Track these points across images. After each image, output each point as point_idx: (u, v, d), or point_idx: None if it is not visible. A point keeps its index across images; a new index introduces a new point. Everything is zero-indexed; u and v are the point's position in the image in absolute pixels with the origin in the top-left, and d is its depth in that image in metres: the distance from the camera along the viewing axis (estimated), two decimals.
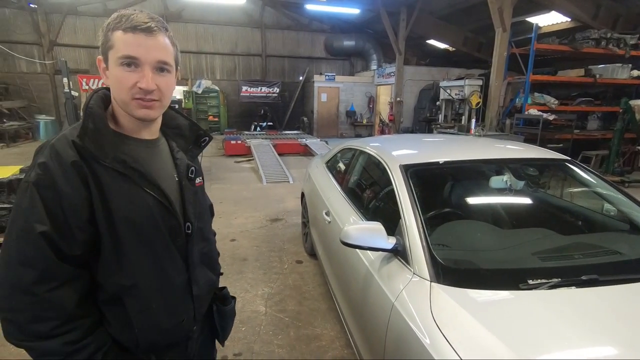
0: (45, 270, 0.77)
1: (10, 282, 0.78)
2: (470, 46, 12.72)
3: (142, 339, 0.90)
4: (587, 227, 2.11)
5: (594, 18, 8.50)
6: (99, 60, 0.87)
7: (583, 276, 1.34)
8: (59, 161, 0.78)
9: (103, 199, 0.82)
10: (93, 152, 0.80)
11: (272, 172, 7.32)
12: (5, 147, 10.16)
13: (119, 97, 0.85)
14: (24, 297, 0.77)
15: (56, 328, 0.79)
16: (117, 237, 0.84)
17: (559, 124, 8.09)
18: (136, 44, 0.81)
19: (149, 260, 0.89)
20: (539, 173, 2.38)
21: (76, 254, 0.81)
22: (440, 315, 1.21)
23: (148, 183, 0.88)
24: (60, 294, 0.79)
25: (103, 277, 0.86)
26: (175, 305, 0.96)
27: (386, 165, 2.07)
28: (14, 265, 0.77)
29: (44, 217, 0.77)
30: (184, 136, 1.06)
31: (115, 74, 0.83)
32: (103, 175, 0.82)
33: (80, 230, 0.80)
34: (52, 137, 0.85)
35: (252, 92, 14.73)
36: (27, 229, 0.77)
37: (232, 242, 3.98)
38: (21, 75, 12.70)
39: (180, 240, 0.96)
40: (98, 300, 0.88)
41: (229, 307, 1.18)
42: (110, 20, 0.83)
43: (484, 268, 1.51)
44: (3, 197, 3.57)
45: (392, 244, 1.56)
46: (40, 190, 0.77)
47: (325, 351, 2.32)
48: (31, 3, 12.06)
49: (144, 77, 0.82)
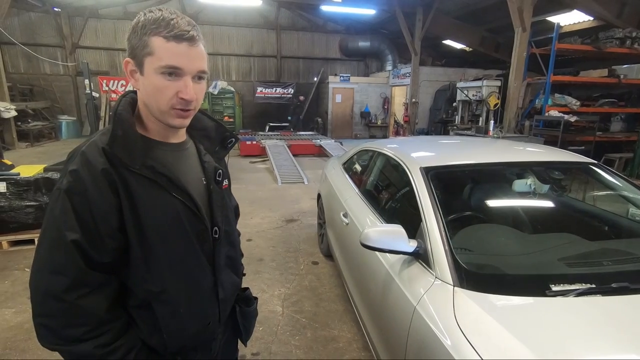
0: (76, 277, 0.78)
1: (44, 288, 0.79)
2: (487, 46, 12.52)
3: (170, 342, 0.91)
4: (614, 233, 2.05)
5: (619, 17, 8.25)
6: (127, 62, 0.84)
7: (613, 284, 1.30)
8: (89, 168, 0.78)
9: (132, 206, 0.81)
10: (122, 158, 0.80)
11: (287, 173, 7.35)
12: (30, 146, 10.50)
13: (156, 106, 0.83)
14: (56, 304, 0.78)
15: (88, 332, 0.80)
16: (147, 244, 0.84)
17: (581, 125, 7.89)
18: (180, 54, 0.79)
19: (177, 266, 0.89)
20: (564, 177, 2.31)
21: (106, 261, 0.81)
22: (465, 321, 1.19)
23: (176, 188, 0.87)
24: (91, 301, 0.80)
25: (133, 283, 0.86)
26: (202, 309, 0.97)
27: (406, 168, 2.05)
28: (46, 273, 0.79)
29: (75, 225, 0.77)
30: (210, 138, 1.04)
31: (154, 82, 0.81)
32: (132, 182, 0.81)
33: (110, 238, 0.81)
34: (82, 143, 0.85)
35: (267, 93, 14.85)
36: (58, 237, 0.77)
37: (249, 242, 4.01)
38: (45, 77, 13.13)
39: (207, 245, 0.95)
40: (128, 305, 0.88)
41: (252, 307, 1.18)
42: (146, 23, 0.79)
43: (509, 273, 1.48)
44: (29, 195, 3.69)
45: (413, 247, 1.55)
46: (71, 198, 0.77)
47: (342, 353, 2.31)
48: (55, 7, 12.44)
49: (186, 87, 0.81)
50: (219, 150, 1.07)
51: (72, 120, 12.98)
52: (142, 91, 0.85)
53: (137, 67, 0.83)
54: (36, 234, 3.74)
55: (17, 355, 2.25)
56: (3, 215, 3.60)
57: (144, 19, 0.80)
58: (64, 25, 12.84)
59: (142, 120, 0.89)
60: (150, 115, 0.87)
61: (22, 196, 3.67)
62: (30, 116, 11.29)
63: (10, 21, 11.84)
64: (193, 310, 0.94)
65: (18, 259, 3.51)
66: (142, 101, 0.87)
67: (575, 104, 7.85)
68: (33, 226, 3.72)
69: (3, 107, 9.30)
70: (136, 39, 0.80)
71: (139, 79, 0.84)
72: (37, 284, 0.80)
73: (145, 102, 0.86)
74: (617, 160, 7.49)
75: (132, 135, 0.83)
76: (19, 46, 11.81)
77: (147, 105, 0.85)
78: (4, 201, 3.60)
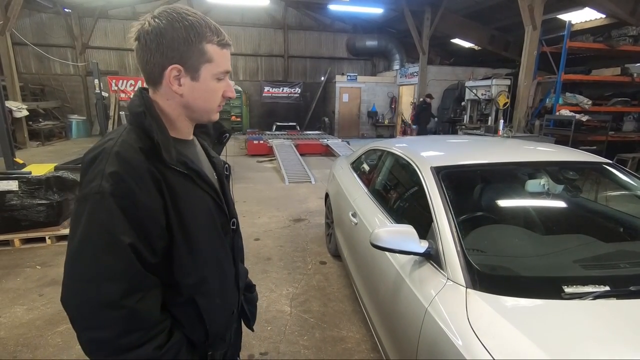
0: (133, 281, 0.77)
1: (96, 299, 0.74)
2: (496, 45, 12.39)
3: (211, 333, 0.94)
4: (629, 234, 2.01)
5: (632, 14, 8.10)
6: (176, 69, 0.82)
7: (631, 287, 1.27)
8: (132, 169, 0.77)
9: (175, 203, 0.82)
10: (162, 155, 0.80)
11: (294, 172, 7.35)
12: (41, 145, 10.65)
13: (207, 107, 0.89)
14: (112, 313, 0.75)
15: (144, 336, 0.78)
16: (190, 239, 0.86)
17: (592, 125, 7.76)
18: (228, 60, 0.89)
19: (213, 258, 0.94)
20: (578, 177, 2.27)
21: (156, 261, 0.81)
22: (478, 323, 1.17)
23: (204, 182, 0.90)
24: (148, 303, 0.79)
25: (180, 279, 0.87)
26: (230, 299, 1.03)
27: (416, 167, 2.03)
28: (98, 281, 0.74)
29: (128, 229, 0.75)
30: (209, 134, 1.09)
31: (210, 86, 0.87)
32: (172, 179, 0.82)
33: (160, 238, 0.81)
34: (101, 143, 0.83)
35: (274, 92, 14.87)
36: (112, 242, 0.74)
37: (256, 242, 4.02)
38: (55, 77, 13.32)
39: (229, 236, 1.01)
40: (172, 304, 0.88)
41: (254, 294, 1.26)
42: (197, 30, 0.82)
43: (523, 275, 1.45)
44: (41, 193, 3.74)
45: (424, 248, 1.53)
46: (118, 201, 0.74)
47: (351, 354, 2.30)
48: (66, 8, 12.60)
49: (229, 86, 0.90)
50: (216, 146, 1.12)
51: (82, 119, 13.15)
52: (188, 95, 0.85)
53: (189, 73, 0.83)
54: (47, 232, 3.79)
55: (29, 353, 2.27)
56: (15, 214, 3.65)
57: (197, 26, 0.82)
58: (74, 25, 13.00)
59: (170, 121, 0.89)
60: (185, 116, 0.90)
61: (33, 194, 3.71)
62: (41, 116, 11.46)
63: (22, 22, 12.03)
64: (225, 300, 0.99)
65: (29, 257, 3.55)
66: (182, 104, 0.87)
67: (587, 103, 7.73)
68: (44, 224, 3.77)
69: (15, 106, 9.45)
70: (192, 48, 0.82)
71: (187, 84, 0.84)
72: (85, 295, 0.75)
73: (188, 105, 0.87)
74: (630, 160, 7.34)
75: (166, 131, 0.85)
76: (31, 47, 11.99)
77: (192, 107, 0.88)
78: (15, 199, 3.65)
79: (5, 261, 3.46)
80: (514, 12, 8.12)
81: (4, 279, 3.14)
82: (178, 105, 0.88)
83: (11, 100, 9.53)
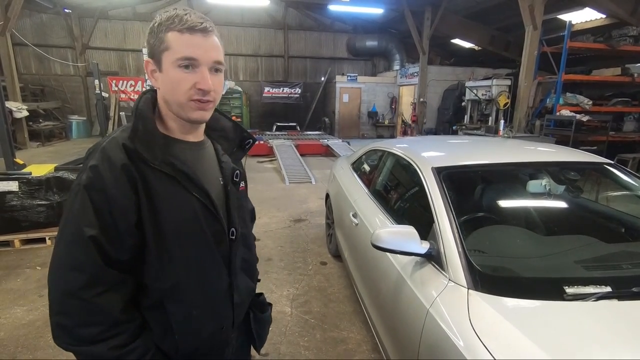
0: (93, 274, 0.77)
1: (61, 286, 0.78)
2: (497, 45, 12.38)
3: (182, 345, 0.90)
4: (631, 235, 2.00)
5: (632, 14, 8.10)
6: (147, 63, 0.85)
7: (633, 288, 1.26)
8: (109, 164, 0.78)
9: (150, 202, 0.81)
10: (143, 154, 0.80)
11: (295, 173, 7.34)
12: (41, 145, 10.66)
13: (175, 99, 0.83)
14: (73, 301, 0.77)
15: (103, 333, 0.79)
16: (163, 242, 0.83)
17: (593, 125, 7.75)
18: (194, 45, 0.80)
19: (192, 265, 0.89)
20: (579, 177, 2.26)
21: (124, 258, 0.81)
22: (480, 324, 1.16)
23: (194, 186, 0.86)
24: (107, 299, 0.79)
25: (147, 281, 0.86)
26: (216, 312, 0.96)
27: (417, 168, 2.03)
28: (64, 269, 0.78)
29: (93, 221, 0.76)
30: (229, 139, 1.04)
31: (172, 75, 0.81)
32: (151, 179, 0.81)
33: (129, 235, 0.80)
34: (103, 139, 0.85)
35: (274, 92, 14.86)
36: (77, 233, 0.77)
37: (257, 242, 4.00)
38: (56, 77, 13.31)
39: (223, 246, 0.94)
40: (141, 306, 0.87)
41: (266, 314, 1.17)
42: (161, 21, 0.81)
43: (525, 276, 1.45)
44: (41, 194, 3.74)
45: (425, 249, 1.52)
46: (90, 194, 0.77)
47: (352, 355, 2.29)
48: (66, 8, 12.60)
49: (203, 77, 0.82)
50: (237, 151, 1.06)
51: (82, 120, 13.15)
52: (162, 88, 0.86)
53: (156, 65, 0.84)
54: (47, 232, 3.78)
55: (29, 354, 2.27)
56: (15, 214, 3.65)
57: (159, 19, 0.83)
58: (74, 26, 13.00)
59: (162, 118, 0.89)
60: (170, 112, 0.88)
61: (33, 195, 3.71)
62: (41, 116, 11.46)
63: (22, 23, 12.03)
64: (207, 313, 0.93)
65: (30, 257, 3.55)
66: (162, 99, 0.87)
67: (587, 103, 7.72)
68: (44, 225, 3.77)
69: (15, 107, 9.45)
70: (153, 38, 0.83)
71: (159, 77, 0.85)
72: (55, 281, 0.80)
73: (165, 99, 0.86)
74: (630, 160, 7.34)
75: (152, 130, 0.84)
76: (31, 47, 12.00)
77: (167, 101, 0.86)
78: (16, 200, 3.64)
79: (6, 262, 3.46)
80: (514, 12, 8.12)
81: (4, 280, 3.13)
82: (162, 99, 0.88)
83: (11, 101, 9.53)
